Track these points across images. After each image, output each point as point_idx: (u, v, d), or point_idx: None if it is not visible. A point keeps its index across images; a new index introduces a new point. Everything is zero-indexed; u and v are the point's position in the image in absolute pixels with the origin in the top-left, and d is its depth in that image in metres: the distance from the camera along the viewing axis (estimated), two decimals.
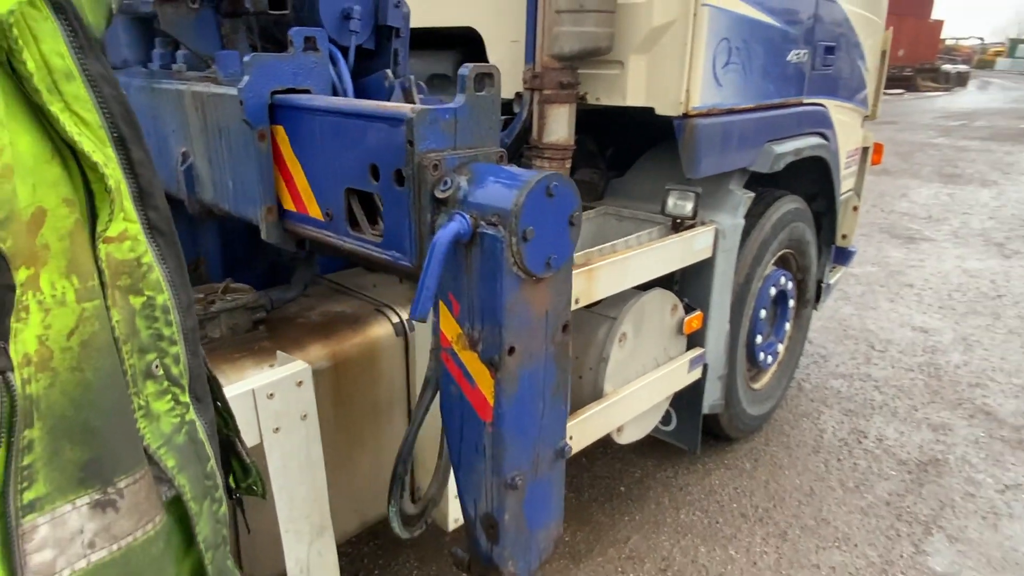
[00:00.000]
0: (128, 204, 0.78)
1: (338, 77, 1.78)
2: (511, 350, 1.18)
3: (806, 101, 3.27)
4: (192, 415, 0.87)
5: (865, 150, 4.33)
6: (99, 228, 0.75)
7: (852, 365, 4.69)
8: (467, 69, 1.22)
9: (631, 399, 2.63)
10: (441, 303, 1.23)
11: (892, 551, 2.95)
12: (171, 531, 0.84)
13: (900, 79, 29.75)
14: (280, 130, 1.53)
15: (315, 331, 2.03)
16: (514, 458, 1.26)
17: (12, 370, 0.66)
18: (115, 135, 0.77)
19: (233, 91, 1.57)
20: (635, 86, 2.63)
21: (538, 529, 1.40)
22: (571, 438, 2.43)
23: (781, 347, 3.76)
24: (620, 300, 2.54)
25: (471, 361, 1.22)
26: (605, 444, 3.39)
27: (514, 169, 1.20)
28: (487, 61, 2.99)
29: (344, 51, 1.86)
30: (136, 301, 0.79)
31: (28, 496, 0.69)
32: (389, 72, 1.85)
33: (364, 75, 1.94)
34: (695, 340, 2.99)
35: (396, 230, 1.32)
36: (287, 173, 1.56)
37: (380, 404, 2.11)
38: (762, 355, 3.55)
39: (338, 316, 2.14)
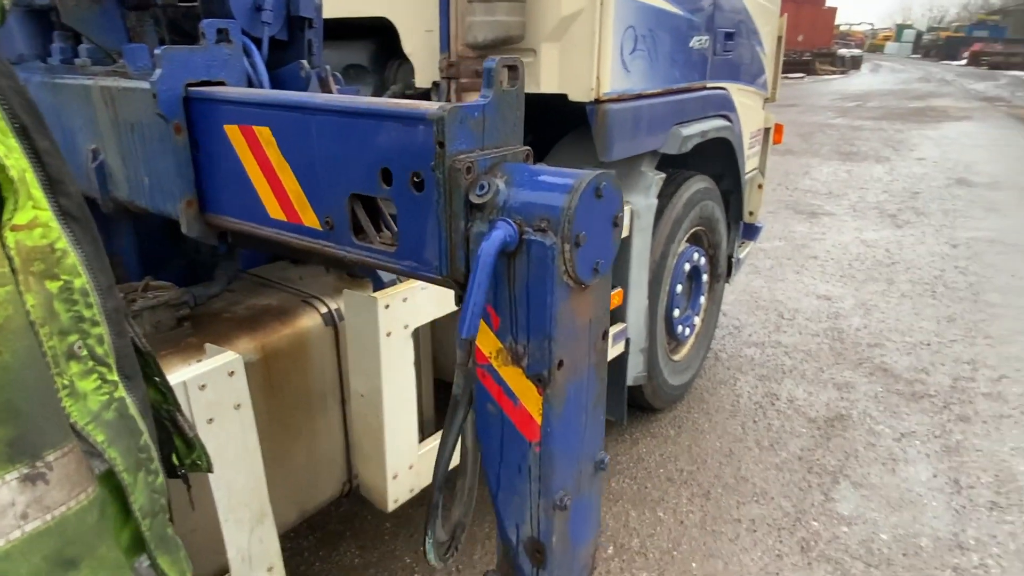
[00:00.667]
0: (37, 192, 0.79)
1: (253, 68, 1.78)
2: (560, 364, 1.10)
3: (709, 85, 3.45)
4: (122, 392, 0.89)
5: (767, 131, 4.59)
6: (5, 217, 0.76)
7: (764, 333, 4.98)
8: (493, 62, 1.10)
9: None
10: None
11: (804, 501, 3.20)
12: (106, 501, 0.86)
13: (799, 63, 31.31)
14: (265, 131, 1.37)
15: (242, 325, 2.02)
16: (562, 477, 1.18)
17: None
18: (16, 126, 0.79)
19: (145, 84, 1.55)
20: (548, 74, 2.72)
21: (580, 546, 1.34)
22: None
23: (697, 320, 3.97)
24: None
25: (514, 378, 1.13)
26: None
27: (555, 168, 1.13)
28: (402, 52, 3.02)
29: (257, 42, 1.86)
30: (52, 285, 0.81)
31: None
32: (304, 62, 1.86)
33: (279, 66, 1.94)
34: (616, 316, 3.13)
35: (414, 238, 1.21)
36: (274, 179, 1.39)
37: (313, 395, 2.13)
38: (680, 328, 3.74)
39: (265, 309, 2.13)
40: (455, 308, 2.24)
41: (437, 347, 2.65)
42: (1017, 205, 8.67)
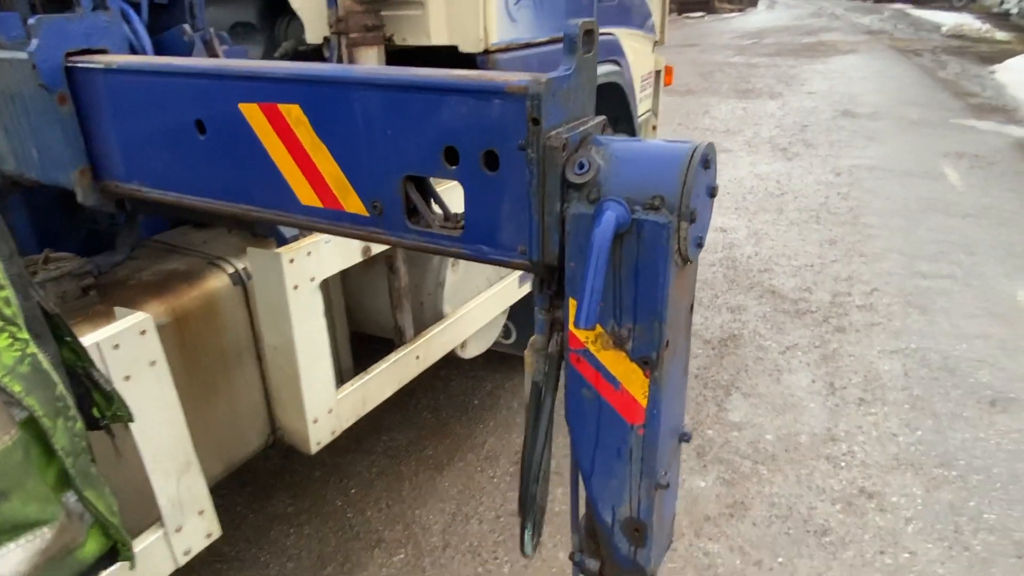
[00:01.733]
0: None
1: (134, 35, 1.79)
2: (667, 344, 1.04)
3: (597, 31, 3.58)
4: (33, 348, 0.94)
5: (658, 73, 4.79)
6: None
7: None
8: (575, 27, 1.01)
9: (469, 317, 2.89)
10: (572, 301, 1.05)
11: (701, 412, 3.54)
12: (29, 443, 0.93)
13: (699, 2, 31.68)
14: (294, 110, 1.21)
15: (150, 290, 2.06)
16: (663, 456, 1.14)
17: None
18: None
19: (22, 55, 1.55)
20: (437, 25, 2.77)
21: (668, 520, 1.31)
22: (418, 357, 2.66)
23: None
24: None
25: (616, 362, 1.06)
26: (459, 364, 3.67)
27: (650, 141, 1.05)
28: (290, 7, 2.99)
29: (136, 7, 1.86)
30: None
31: None
32: (186, 26, 1.88)
33: (161, 31, 1.95)
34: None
35: (485, 221, 1.10)
36: (307, 163, 1.24)
37: (228, 352, 2.19)
38: None
39: (171, 273, 2.17)
40: (360, 259, 2.36)
41: (350, 299, 2.76)
42: (894, 134, 9.35)
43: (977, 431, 3.35)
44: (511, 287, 3.18)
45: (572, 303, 1.05)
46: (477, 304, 2.93)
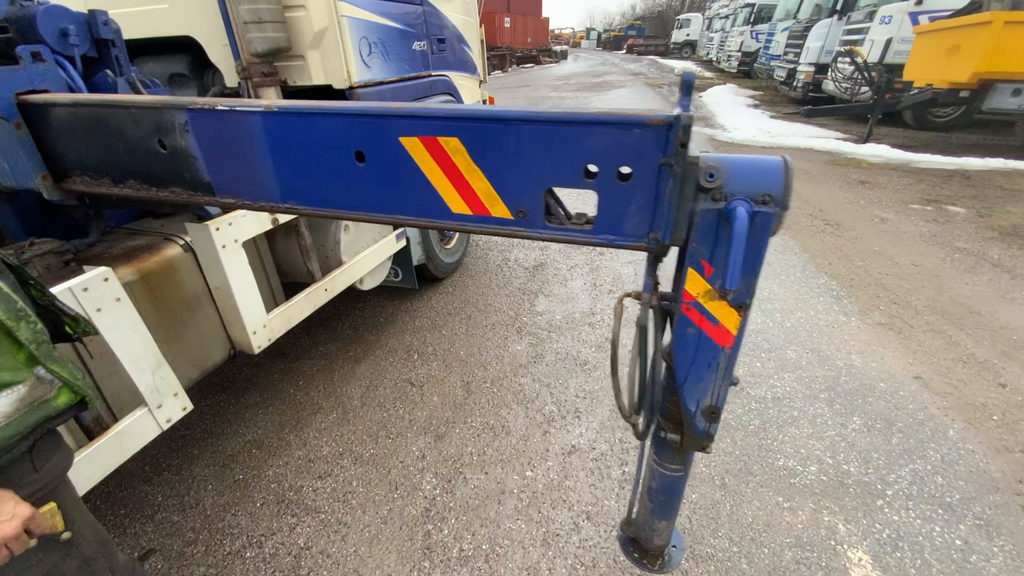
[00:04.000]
0: None
1: (71, 79, 1.68)
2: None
3: (433, 74, 3.61)
4: None
5: (484, 102, 4.87)
6: None
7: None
8: (690, 75, 0.93)
9: (362, 263, 2.95)
10: (691, 270, 0.97)
11: (519, 308, 3.81)
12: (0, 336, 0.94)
13: (529, 57, 31.49)
14: (453, 141, 1.04)
15: (119, 258, 1.97)
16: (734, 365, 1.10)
17: None
18: None
19: None
20: (316, 71, 2.72)
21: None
22: (326, 290, 2.71)
23: None
24: None
25: (719, 308, 0.99)
26: (365, 296, 3.71)
27: (746, 156, 0.95)
28: (211, 62, 2.81)
29: (71, 60, 1.74)
30: None
31: None
32: (108, 72, 1.78)
33: (94, 76, 1.83)
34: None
35: (614, 218, 1.00)
36: (460, 181, 1.07)
37: (189, 296, 2.14)
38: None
39: (136, 247, 2.07)
40: (270, 227, 2.36)
41: (277, 257, 2.73)
42: None
43: None
44: (390, 242, 3.25)
45: (691, 271, 0.96)
46: (366, 254, 2.99)
